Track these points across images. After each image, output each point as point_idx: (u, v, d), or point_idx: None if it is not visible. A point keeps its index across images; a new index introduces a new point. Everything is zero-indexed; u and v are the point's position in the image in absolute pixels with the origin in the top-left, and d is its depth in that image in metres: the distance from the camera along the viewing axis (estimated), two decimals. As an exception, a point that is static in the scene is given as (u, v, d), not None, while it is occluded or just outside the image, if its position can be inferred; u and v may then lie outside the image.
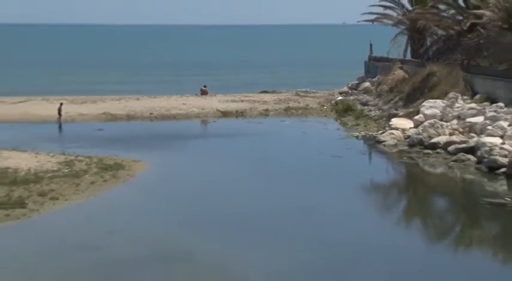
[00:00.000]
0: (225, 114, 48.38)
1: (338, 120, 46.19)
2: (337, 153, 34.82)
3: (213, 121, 46.59)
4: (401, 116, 40.33)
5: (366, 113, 45.87)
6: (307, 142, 38.93)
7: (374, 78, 52.91)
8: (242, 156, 35.32)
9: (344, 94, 54.07)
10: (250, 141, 39.14)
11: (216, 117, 47.71)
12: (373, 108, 46.52)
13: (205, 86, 56.79)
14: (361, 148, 36.97)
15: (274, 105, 50.86)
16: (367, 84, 53.18)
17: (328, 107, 50.55)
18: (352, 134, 40.07)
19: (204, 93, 55.64)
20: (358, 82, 55.76)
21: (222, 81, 69.82)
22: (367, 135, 39.24)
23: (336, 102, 51.00)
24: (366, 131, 40.19)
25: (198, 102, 51.16)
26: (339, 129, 42.66)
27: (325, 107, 50.75)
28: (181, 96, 53.43)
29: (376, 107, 46.27)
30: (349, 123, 44.16)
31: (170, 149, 36.07)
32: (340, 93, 54.59)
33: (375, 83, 51.72)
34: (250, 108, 49.85)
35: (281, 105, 50.93)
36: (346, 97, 52.31)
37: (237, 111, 49.01)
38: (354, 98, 51.22)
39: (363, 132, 40.01)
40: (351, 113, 46.57)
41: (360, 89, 53.51)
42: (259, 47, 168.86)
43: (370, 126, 41.95)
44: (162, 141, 38.13)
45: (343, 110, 47.65)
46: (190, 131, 43.13)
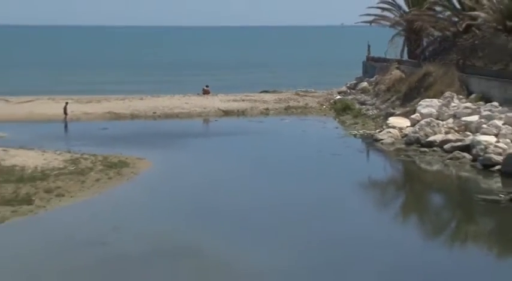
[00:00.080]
0: (227, 113, 48.41)
1: (337, 119, 46.23)
2: (336, 151, 34.85)
3: (215, 120, 46.62)
4: (398, 115, 40.35)
5: (364, 112, 45.91)
6: (306, 140, 38.96)
7: (372, 78, 52.93)
8: (243, 154, 35.37)
9: (343, 94, 54.13)
10: (251, 139, 39.17)
11: (217, 116, 47.74)
12: (370, 107, 46.56)
13: (207, 85, 56.81)
14: (359, 146, 37.03)
15: (274, 105, 50.89)
16: (365, 84, 53.22)
17: (327, 106, 50.59)
18: (350, 132, 40.11)
19: (206, 92, 55.66)
20: (356, 82, 55.81)
21: (224, 81, 69.79)
22: (365, 133, 39.28)
23: (334, 102, 51.03)
24: (364, 130, 40.23)
25: (200, 102, 51.19)
26: (337, 128, 42.70)
27: (324, 106, 50.78)
28: (184, 96, 53.45)
29: (374, 106, 46.30)
30: (347, 122, 44.20)
31: (173, 147, 36.10)
32: (338, 93, 54.63)
33: (373, 82, 51.73)
34: (251, 107, 49.88)
35: (281, 105, 50.96)
36: (345, 96, 52.37)
37: (238, 110, 49.05)
38: (352, 97, 51.27)
39: (361, 131, 40.05)
40: (349, 112, 46.61)
41: (358, 88, 53.55)
42: (260, 47, 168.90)
43: (368, 125, 41.97)
44: (165, 139, 38.15)
45: (342, 109, 47.71)
46: (193, 129, 43.17)
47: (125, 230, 21.60)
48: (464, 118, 35.30)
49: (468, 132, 33.90)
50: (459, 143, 32.91)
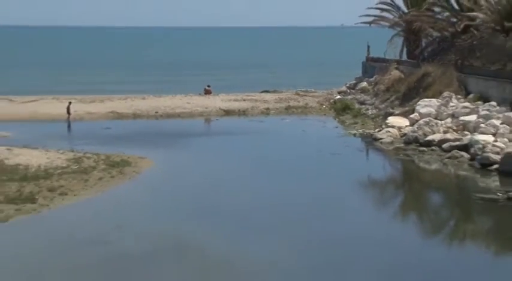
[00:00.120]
0: (228, 113, 48.42)
1: (336, 118, 46.23)
2: (335, 150, 34.84)
3: (216, 119, 46.63)
4: (397, 114, 40.36)
5: (364, 111, 45.91)
6: (307, 139, 38.94)
7: (371, 78, 52.93)
8: (244, 153, 35.35)
9: (342, 93, 54.14)
10: (251, 139, 39.15)
11: (219, 115, 47.74)
12: (370, 107, 46.57)
13: (209, 85, 56.82)
14: (358, 146, 37.03)
15: (275, 104, 50.89)
16: (364, 84, 53.23)
17: (327, 106, 50.59)
18: (350, 132, 40.10)
19: (207, 92, 55.67)
20: (356, 82, 55.83)
21: (225, 81, 69.78)
22: (365, 133, 39.28)
23: (334, 101, 51.04)
24: (364, 129, 40.22)
25: (201, 102, 51.20)
26: (337, 127, 42.70)
27: (324, 106, 50.78)
28: (186, 96, 53.47)
29: (373, 106, 46.30)
30: (347, 121, 44.19)
31: (175, 146, 36.10)
32: (338, 93, 54.64)
33: (372, 82, 51.74)
34: (252, 107, 49.88)
35: (282, 104, 50.97)
36: (345, 96, 52.38)
37: (239, 110, 49.05)
38: (352, 97, 51.29)
39: (360, 130, 40.04)
40: (349, 111, 46.62)
41: (358, 88, 53.57)
42: (260, 48, 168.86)
43: (368, 124, 41.98)
44: (167, 139, 38.15)
45: (342, 108, 47.71)
46: (194, 129, 43.18)
47: (128, 229, 21.59)
48: (462, 118, 35.31)
49: (466, 132, 33.90)
50: (457, 143, 32.92)
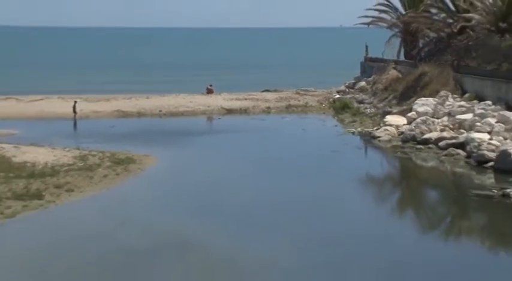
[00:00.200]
0: (230, 111, 48.42)
1: (336, 117, 46.22)
2: (335, 148, 34.84)
3: (218, 118, 46.63)
4: (395, 113, 40.35)
5: (362, 110, 45.91)
6: (306, 137, 38.92)
7: (369, 78, 52.95)
8: (246, 151, 35.33)
9: (341, 93, 54.12)
10: (253, 137, 39.15)
11: (221, 114, 47.75)
12: (368, 106, 46.56)
13: (211, 85, 56.83)
14: (357, 144, 37.00)
15: (275, 103, 50.88)
16: (363, 83, 53.24)
17: (327, 105, 50.58)
18: (348, 130, 40.10)
19: (209, 92, 55.67)
20: (354, 81, 55.85)
21: (227, 80, 69.74)
22: (363, 131, 39.27)
23: (333, 100, 51.01)
24: (362, 128, 40.22)
25: (204, 101, 51.19)
26: (336, 126, 42.70)
27: (324, 105, 50.77)
28: (189, 95, 53.48)
29: (372, 105, 46.30)
30: (346, 120, 44.19)
31: (178, 144, 36.11)
32: (337, 92, 54.63)
33: (371, 82, 51.75)
34: (253, 106, 49.88)
35: (282, 103, 50.95)
36: (344, 95, 52.37)
37: (241, 108, 49.06)
38: (351, 96, 51.28)
39: (359, 129, 40.03)
40: (347, 110, 46.60)
41: (357, 88, 53.58)
42: (261, 48, 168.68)
43: (366, 123, 41.97)
44: (171, 137, 38.16)
45: (341, 107, 47.69)
46: (197, 127, 43.17)
47: (132, 225, 21.61)
48: (458, 116, 35.29)
49: (462, 130, 33.89)
50: (454, 141, 32.91)
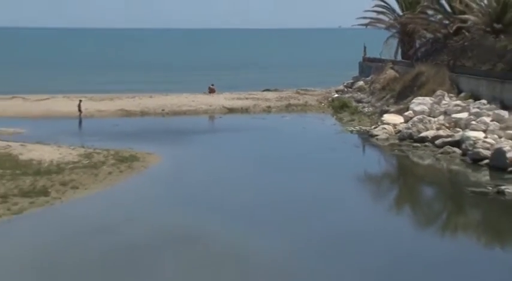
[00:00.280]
0: (231, 110, 48.43)
1: (334, 116, 46.21)
2: (333, 146, 34.86)
3: (220, 117, 46.64)
4: (392, 112, 40.34)
5: (360, 109, 45.91)
6: (306, 135, 38.94)
7: (368, 78, 52.96)
8: (247, 149, 35.34)
9: (340, 92, 54.16)
10: (254, 135, 39.17)
11: (222, 113, 47.77)
12: (366, 105, 46.57)
13: (213, 84, 56.84)
14: (355, 142, 37.00)
15: (276, 103, 50.89)
16: (361, 83, 53.25)
17: (326, 104, 50.60)
18: (347, 128, 40.10)
19: (211, 91, 55.69)
20: (353, 81, 55.89)
21: (228, 80, 69.70)
22: (361, 129, 39.27)
23: (332, 100, 51.05)
24: (360, 126, 40.22)
25: (206, 100, 51.21)
26: (335, 124, 42.69)
27: (323, 104, 50.79)
28: (191, 94, 53.49)
29: (370, 104, 46.30)
30: (344, 118, 44.19)
31: (181, 142, 36.11)
32: (336, 91, 54.67)
33: (369, 82, 51.75)
34: (254, 105, 49.89)
35: (282, 103, 50.96)
36: (342, 95, 52.40)
37: (242, 108, 49.07)
38: (349, 95, 51.29)
39: (357, 127, 40.04)
40: (346, 109, 46.61)
41: (355, 87, 53.59)
42: (262, 49, 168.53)
43: (364, 121, 41.97)
44: (173, 135, 38.18)
45: (339, 106, 47.70)
46: (199, 126, 43.17)
47: (136, 221, 21.59)
48: (454, 115, 35.30)
49: (458, 129, 33.90)
50: (450, 139, 32.93)
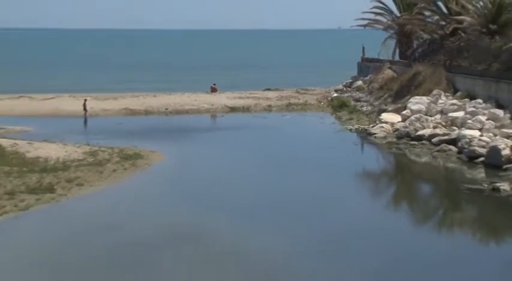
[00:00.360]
0: (233, 109, 48.43)
1: (333, 114, 46.19)
2: (332, 144, 34.88)
3: (222, 116, 46.65)
4: (390, 111, 40.34)
5: (359, 108, 45.90)
6: (306, 134, 38.96)
7: (366, 77, 52.94)
8: (248, 147, 35.36)
9: (339, 91, 54.12)
10: (255, 134, 39.16)
11: (224, 112, 47.77)
12: (365, 104, 46.55)
13: (215, 84, 56.84)
14: (354, 140, 36.98)
15: (276, 102, 50.88)
16: (359, 82, 53.23)
17: (325, 103, 50.59)
18: (346, 127, 40.08)
19: (213, 90, 55.68)
20: (351, 81, 55.87)
21: (230, 80, 69.71)
22: (360, 128, 39.24)
23: (331, 99, 51.02)
24: (359, 125, 40.19)
25: (208, 99, 51.21)
26: (334, 123, 42.68)
27: (322, 103, 50.79)
28: (193, 94, 53.50)
29: (368, 103, 46.29)
30: (343, 117, 44.17)
31: (184, 140, 36.11)
32: (335, 91, 54.64)
33: (367, 81, 51.73)
34: (255, 104, 49.88)
35: (283, 102, 50.96)
36: (341, 94, 52.36)
37: (243, 107, 49.07)
38: (348, 95, 51.27)
39: (355, 126, 40.01)
40: (345, 108, 46.59)
41: (354, 86, 53.57)
42: (262, 49, 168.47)
43: (362, 120, 41.95)
44: (177, 133, 38.18)
45: (338, 105, 47.69)
46: (202, 124, 43.19)
47: (140, 218, 21.61)
48: (450, 114, 35.31)
49: (454, 127, 33.90)
50: (446, 137, 32.92)
